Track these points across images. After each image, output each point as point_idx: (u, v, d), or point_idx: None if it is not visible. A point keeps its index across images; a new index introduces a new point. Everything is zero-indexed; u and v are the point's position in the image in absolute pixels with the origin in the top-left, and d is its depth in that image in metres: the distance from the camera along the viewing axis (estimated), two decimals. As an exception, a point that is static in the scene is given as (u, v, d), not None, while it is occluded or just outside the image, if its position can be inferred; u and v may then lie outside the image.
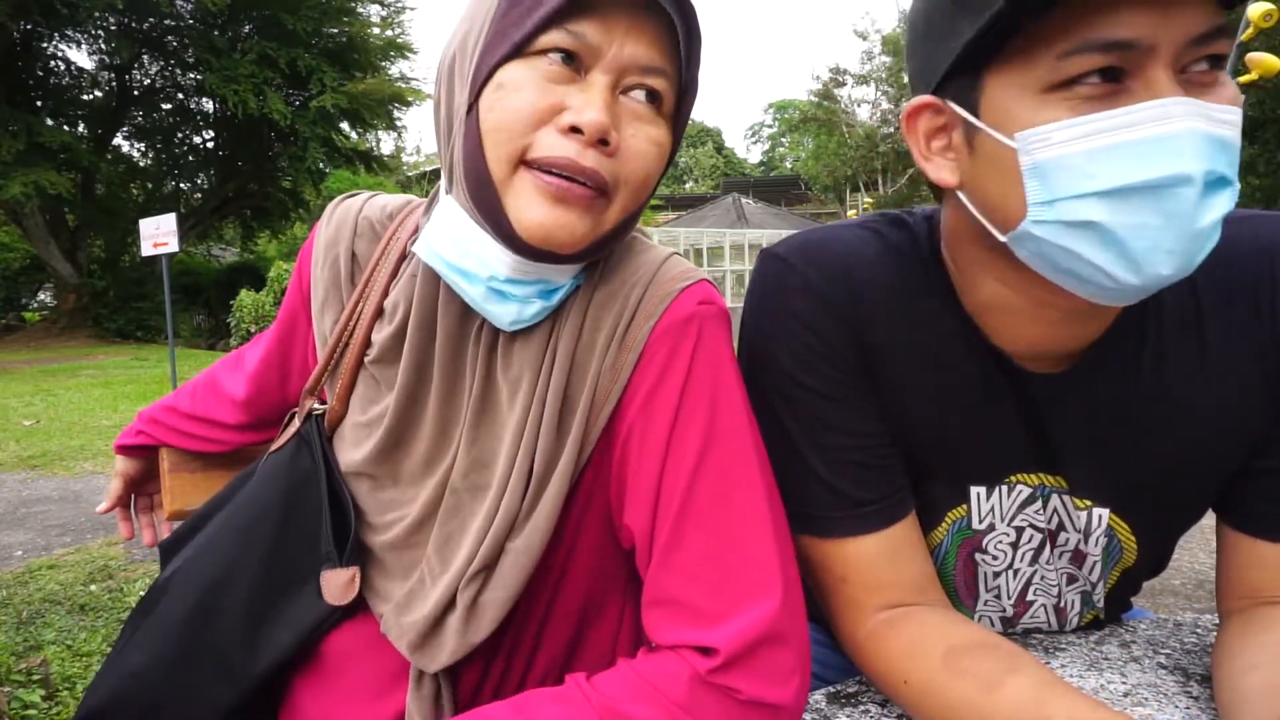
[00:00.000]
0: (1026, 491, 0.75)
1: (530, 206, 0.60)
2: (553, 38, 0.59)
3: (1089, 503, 0.75)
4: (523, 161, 0.60)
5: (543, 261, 0.63)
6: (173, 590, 0.75)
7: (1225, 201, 0.56)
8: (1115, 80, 0.55)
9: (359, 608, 0.72)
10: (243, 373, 0.92)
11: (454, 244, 0.65)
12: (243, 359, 0.94)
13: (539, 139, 0.59)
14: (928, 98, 0.65)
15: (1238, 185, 0.56)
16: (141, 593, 3.04)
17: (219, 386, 0.95)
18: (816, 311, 0.71)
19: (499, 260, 0.64)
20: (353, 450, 0.73)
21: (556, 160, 0.58)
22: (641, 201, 0.65)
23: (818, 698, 0.75)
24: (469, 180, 0.62)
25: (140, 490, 1.09)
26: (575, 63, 0.60)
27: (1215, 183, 0.55)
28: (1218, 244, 0.69)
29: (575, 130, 0.58)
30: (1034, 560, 0.79)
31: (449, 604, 0.66)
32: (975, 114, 0.61)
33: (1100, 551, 0.77)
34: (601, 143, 0.59)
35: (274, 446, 0.79)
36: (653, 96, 0.62)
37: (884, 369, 0.71)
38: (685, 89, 0.64)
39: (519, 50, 0.59)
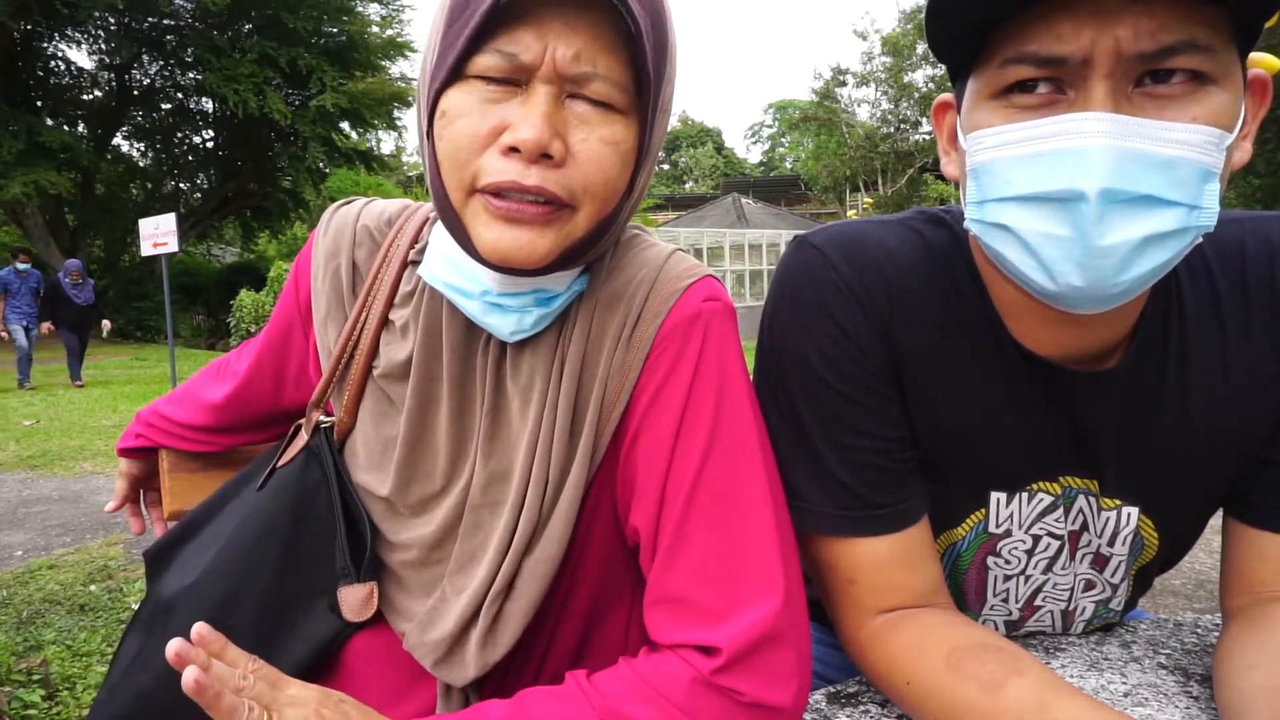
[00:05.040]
0: (1047, 500, 0.75)
1: (486, 231, 0.59)
2: (485, 62, 0.57)
3: (1118, 502, 0.74)
4: (475, 189, 0.59)
5: (521, 276, 0.63)
6: (180, 609, 0.74)
7: (1158, 221, 0.54)
8: (1061, 91, 0.56)
9: (374, 619, 0.71)
10: (228, 379, 0.90)
11: (447, 264, 0.66)
12: (229, 365, 0.93)
13: (484, 164, 0.58)
14: (947, 96, 0.68)
15: (1192, 205, 0.55)
16: (141, 592, 3.04)
17: (195, 391, 0.95)
18: (849, 310, 0.70)
19: (486, 275, 0.64)
20: (367, 474, 0.73)
21: (501, 185, 0.58)
22: (614, 202, 0.63)
23: (818, 697, 0.75)
24: (437, 205, 0.62)
25: (147, 487, 1.09)
26: (514, 80, 0.58)
27: (1137, 200, 0.54)
28: (1230, 242, 0.69)
29: (515, 150, 0.57)
30: (1048, 569, 0.78)
31: (471, 619, 0.66)
32: (959, 114, 0.64)
33: (1126, 551, 0.77)
34: (545, 156, 0.57)
35: (282, 460, 0.78)
36: (598, 102, 0.59)
37: (913, 373, 0.71)
38: (645, 78, 0.59)
39: (456, 74, 0.58)
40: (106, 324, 11.44)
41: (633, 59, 0.59)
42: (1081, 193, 0.54)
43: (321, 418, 0.76)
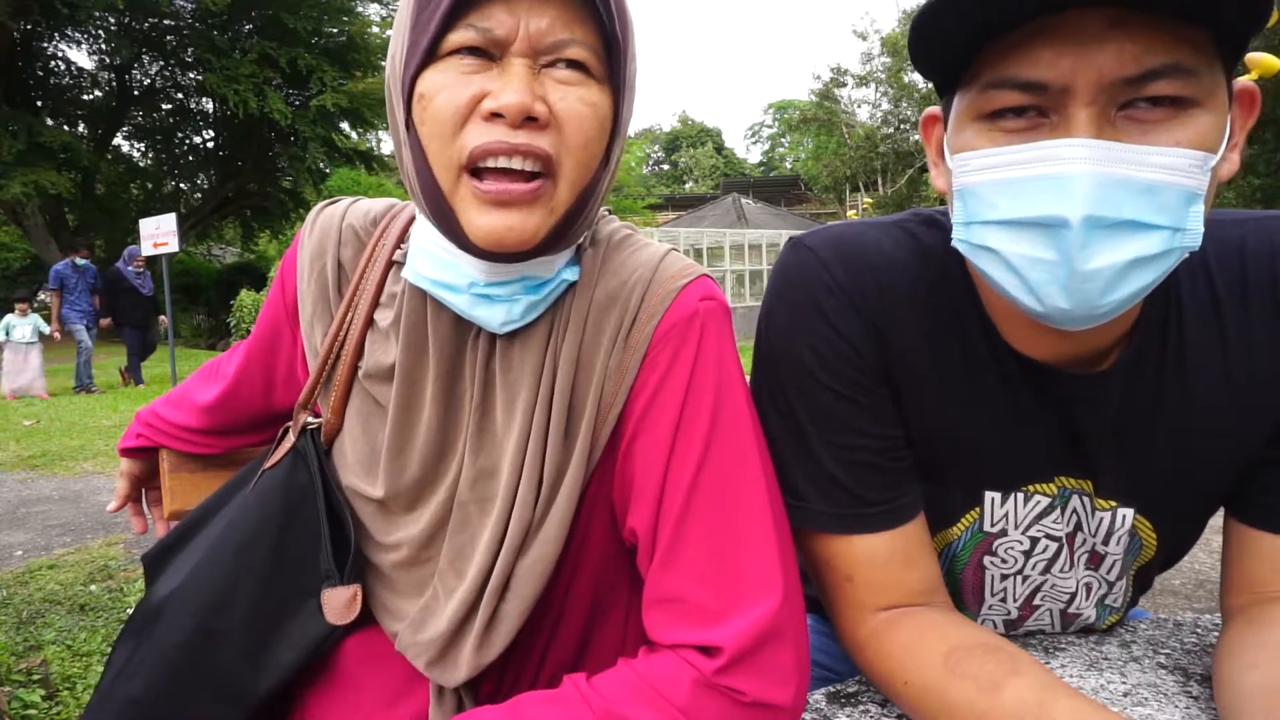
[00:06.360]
0: (1044, 502, 0.75)
1: (478, 217, 0.59)
2: (459, 37, 0.58)
3: (1113, 503, 0.75)
4: (464, 168, 0.59)
5: (510, 262, 0.63)
6: (169, 614, 0.73)
7: (1142, 245, 0.55)
8: (1044, 115, 0.57)
9: (366, 619, 0.71)
10: (218, 381, 0.90)
11: (431, 260, 0.66)
12: (219, 367, 0.92)
13: (469, 133, 0.58)
14: (934, 110, 0.68)
15: (1176, 228, 0.55)
16: (141, 593, 3.04)
17: (189, 393, 0.94)
18: (842, 311, 0.70)
19: (473, 267, 0.64)
20: (356, 475, 0.72)
21: (489, 146, 0.57)
22: (593, 170, 0.63)
23: (818, 697, 0.75)
24: (425, 195, 0.62)
25: (149, 486, 1.09)
26: (489, 54, 0.59)
27: (1120, 225, 0.54)
28: (1231, 242, 0.69)
29: (498, 116, 0.57)
30: (1046, 570, 0.78)
31: (465, 618, 0.66)
32: (946, 129, 0.65)
33: (1121, 550, 0.77)
34: (530, 120, 0.58)
35: (269, 462, 0.78)
36: (574, 65, 0.60)
37: (906, 373, 0.71)
38: (613, 45, 0.61)
39: (431, 56, 0.59)
40: (164, 320, 9.75)
41: (600, 29, 0.60)
42: (1065, 219, 0.54)
43: (309, 419, 0.76)
